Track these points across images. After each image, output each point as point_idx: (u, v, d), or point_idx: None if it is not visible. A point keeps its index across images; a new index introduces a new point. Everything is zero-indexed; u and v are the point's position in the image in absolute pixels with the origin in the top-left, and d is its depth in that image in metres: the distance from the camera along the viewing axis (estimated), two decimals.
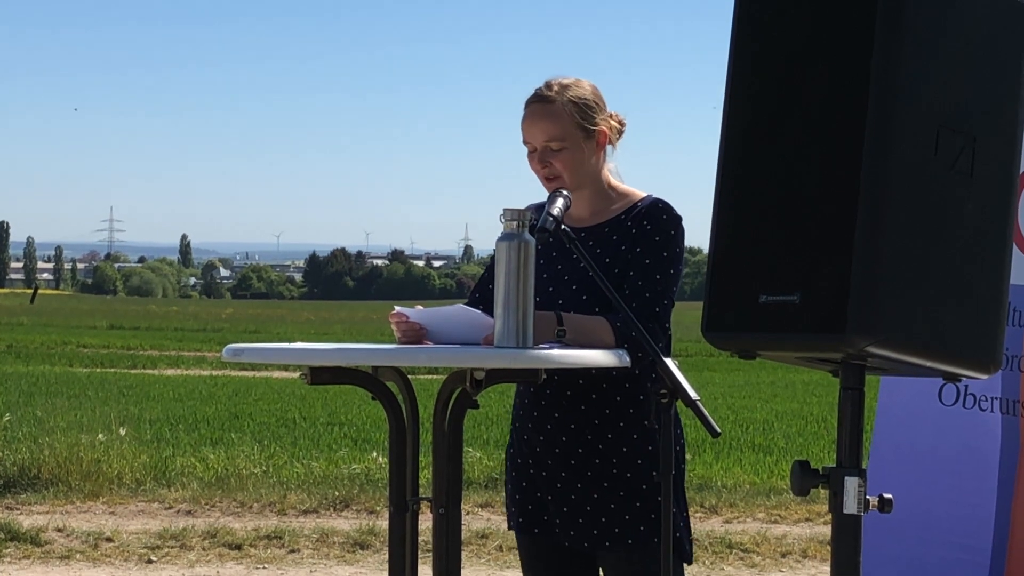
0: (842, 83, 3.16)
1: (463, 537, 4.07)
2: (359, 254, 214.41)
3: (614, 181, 4.30)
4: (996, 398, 4.95)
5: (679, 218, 4.22)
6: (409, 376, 4.11)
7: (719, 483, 12.15)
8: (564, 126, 4.18)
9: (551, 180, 4.19)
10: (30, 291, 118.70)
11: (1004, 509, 4.88)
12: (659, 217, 4.20)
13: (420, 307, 4.09)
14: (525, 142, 4.24)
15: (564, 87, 4.21)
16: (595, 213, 4.26)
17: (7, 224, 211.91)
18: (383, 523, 9.52)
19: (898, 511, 3.50)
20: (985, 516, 4.92)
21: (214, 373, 27.85)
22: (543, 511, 4.27)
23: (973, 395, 5.02)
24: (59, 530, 9.70)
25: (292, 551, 9.42)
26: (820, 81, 3.21)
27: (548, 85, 4.23)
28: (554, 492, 4.23)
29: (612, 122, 4.27)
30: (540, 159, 4.20)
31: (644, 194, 4.28)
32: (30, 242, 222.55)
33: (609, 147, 4.28)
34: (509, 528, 4.40)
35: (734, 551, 9.54)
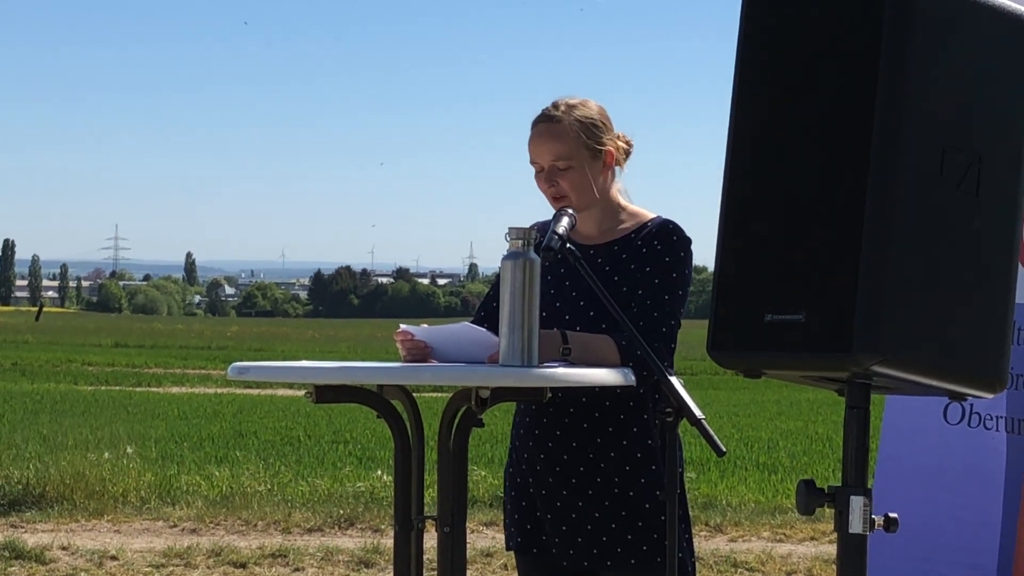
0: (847, 101, 3.16)
1: (468, 556, 4.06)
2: (364, 272, 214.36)
3: (623, 201, 4.30)
4: (1001, 417, 4.95)
5: (689, 240, 4.22)
6: (414, 394, 4.11)
7: (724, 502, 12.14)
8: (571, 146, 4.18)
9: (558, 199, 4.19)
10: (35, 309, 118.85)
11: (1010, 528, 4.87)
12: (669, 238, 4.20)
13: (425, 325, 4.09)
14: (532, 162, 4.24)
15: (571, 107, 4.22)
16: (604, 231, 4.26)
17: (12, 242, 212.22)
18: (388, 541, 9.52)
19: (903, 530, 3.50)
20: (991, 535, 4.91)
21: (219, 391, 27.88)
22: (541, 531, 4.26)
23: (978, 414, 5.01)
24: (64, 548, 9.70)
25: (297, 569, 9.41)
26: (825, 100, 3.22)
27: (555, 105, 4.24)
28: (554, 511, 4.23)
29: (619, 143, 4.28)
30: (547, 179, 4.20)
31: (653, 215, 4.29)
32: (35, 260, 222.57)
33: (617, 168, 4.29)
34: (508, 549, 4.39)
35: (739, 570, 9.53)
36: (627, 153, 4.31)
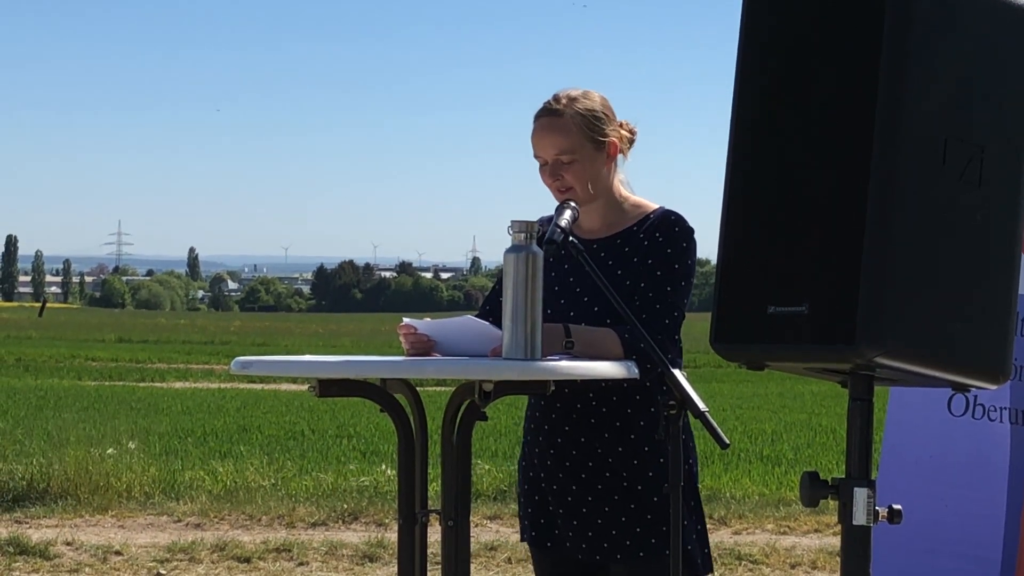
0: (850, 93, 3.16)
1: (472, 549, 4.07)
2: (367, 266, 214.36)
3: (626, 192, 4.29)
4: (1005, 408, 4.95)
5: (691, 231, 4.21)
6: (418, 388, 4.11)
7: (728, 494, 12.15)
8: (574, 139, 4.17)
9: (563, 193, 4.18)
10: (38, 305, 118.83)
11: (1014, 519, 4.87)
12: (672, 229, 4.19)
13: (428, 319, 4.09)
14: (536, 156, 4.22)
15: (572, 99, 4.20)
16: (607, 225, 4.25)
17: (15, 238, 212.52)
18: (392, 535, 9.52)
19: (907, 522, 3.50)
20: (995, 526, 4.92)
21: (222, 386, 27.87)
22: (554, 525, 4.27)
23: (982, 405, 5.02)
24: (68, 544, 9.71)
25: (301, 564, 9.42)
26: (827, 93, 3.22)
27: (556, 98, 4.22)
28: (565, 505, 4.23)
29: (622, 132, 4.26)
30: (551, 172, 4.19)
31: (656, 206, 4.27)
32: (38, 255, 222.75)
33: (620, 157, 4.27)
34: (522, 540, 4.40)
35: (743, 562, 9.53)
36: (630, 142, 4.30)
